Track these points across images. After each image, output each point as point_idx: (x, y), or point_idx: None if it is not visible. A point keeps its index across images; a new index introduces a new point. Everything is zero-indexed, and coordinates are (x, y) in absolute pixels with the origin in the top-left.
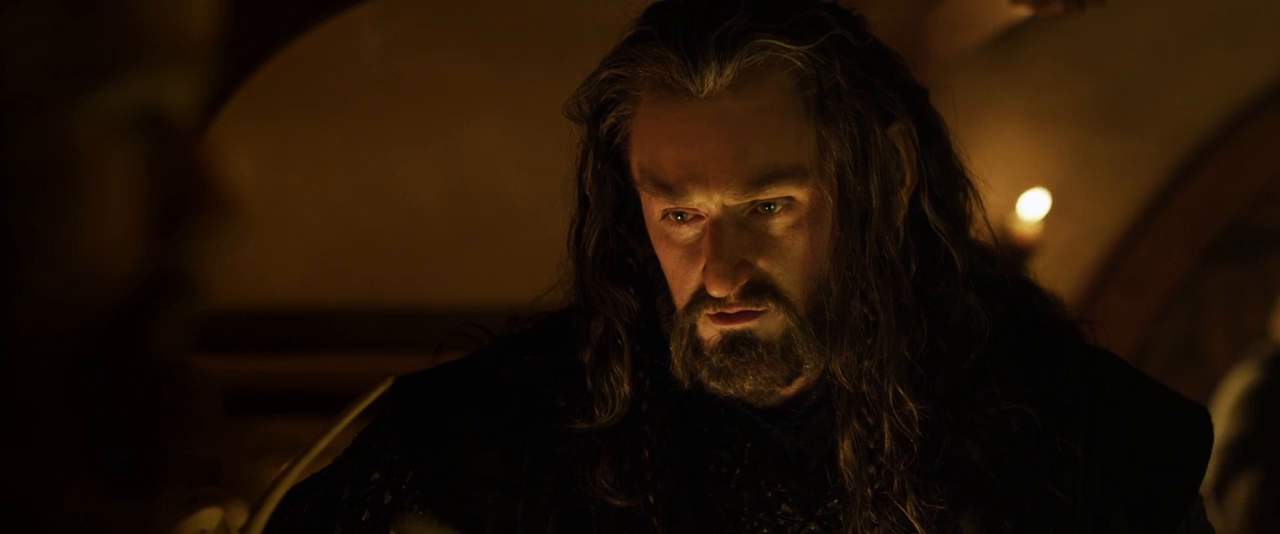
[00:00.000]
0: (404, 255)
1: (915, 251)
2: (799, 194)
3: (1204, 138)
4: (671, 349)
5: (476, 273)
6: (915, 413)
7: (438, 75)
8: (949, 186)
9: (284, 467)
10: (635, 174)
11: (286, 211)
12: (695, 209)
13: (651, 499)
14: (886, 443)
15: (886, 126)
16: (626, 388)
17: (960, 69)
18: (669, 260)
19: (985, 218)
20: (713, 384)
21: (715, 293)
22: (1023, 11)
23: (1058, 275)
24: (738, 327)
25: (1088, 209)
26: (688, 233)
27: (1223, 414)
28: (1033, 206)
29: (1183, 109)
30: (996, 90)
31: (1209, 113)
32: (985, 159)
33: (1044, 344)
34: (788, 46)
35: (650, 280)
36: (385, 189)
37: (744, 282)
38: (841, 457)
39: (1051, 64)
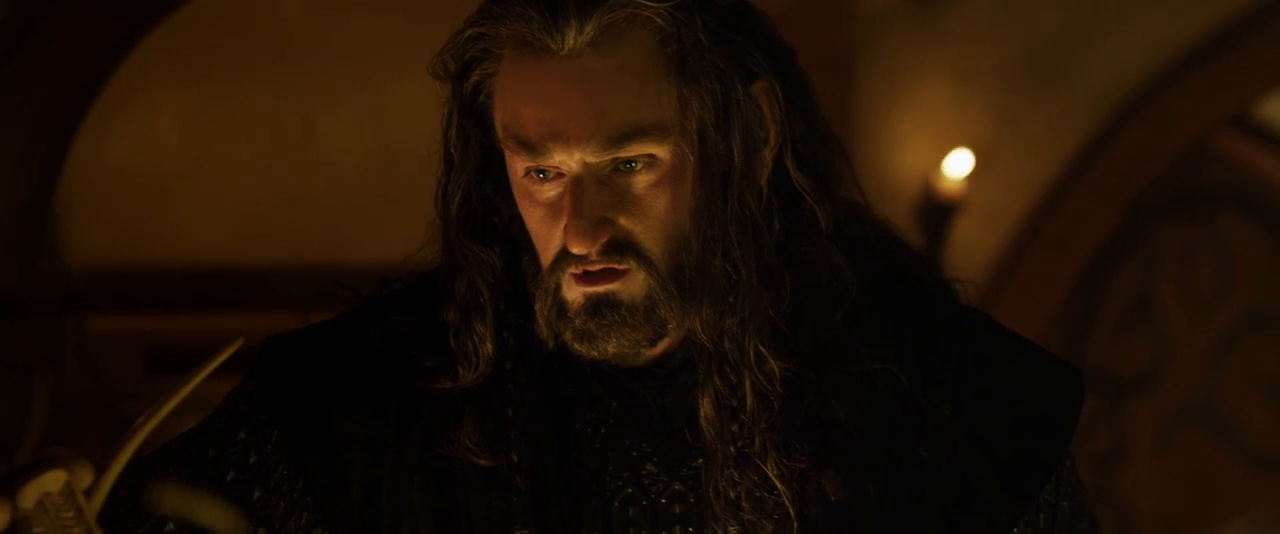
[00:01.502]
0: (328, 213)
1: (779, 210)
2: (660, 152)
3: (1130, 96)
4: (536, 309)
5: (400, 230)
6: (777, 371)
7: (362, 32)
8: (815, 145)
9: (130, 430)
10: (498, 132)
11: (210, 170)
12: (556, 167)
13: (515, 458)
14: (748, 401)
15: (749, 84)
16: (490, 347)
17: (885, 27)
18: (532, 219)
19: (854, 177)
20: (577, 346)
21: (576, 250)
22: None
23: (983, 234)
24: (600, 289)
25: (1013, 167)
26: (550, 191)
27: None
28: (957, 165)
29: (1109, 67)
30: (922, 49)
31: (1135, 71)
32: (910, 117)
33: (913, 303)
34: (649, 4)
35: (516, 240)
36: (309, 147)
37: (605, 239)
38: (703, 415)
39: (977, 22)
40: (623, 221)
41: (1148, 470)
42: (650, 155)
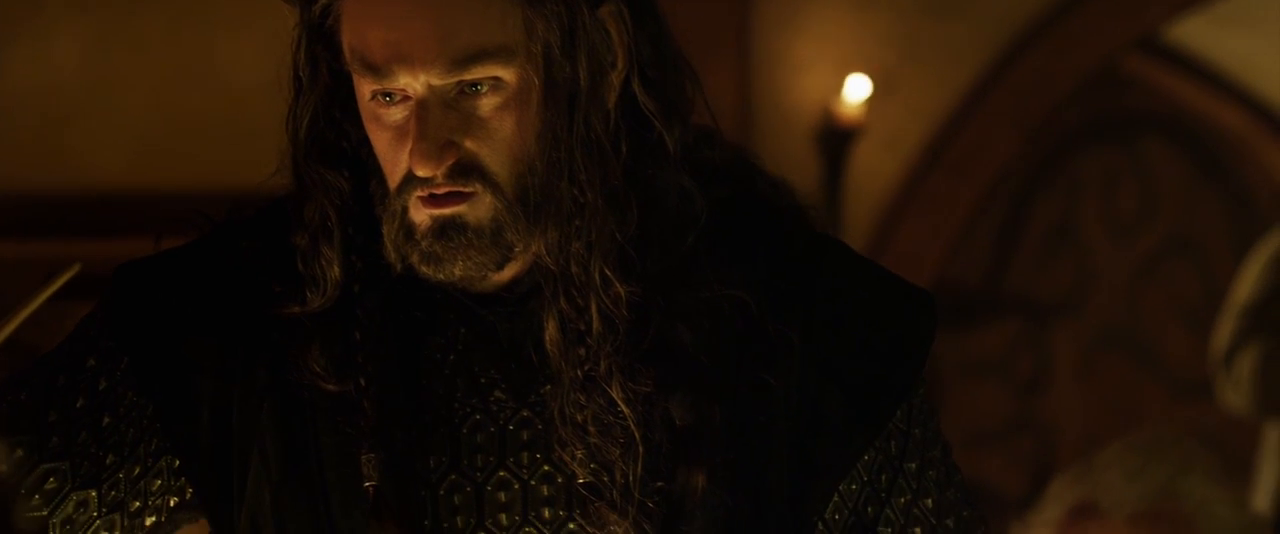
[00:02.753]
0: (228, 138)
1: (626, 134)
2: (505, 75)
3: (1030, 20)
4: (384, 232)
5: None
6: (623, 295)
7: None
8: (663, 70)
9: None
10: (345, 55)
11: (109, 95)
12: (402, 90)
13: (362, 383)
14: (594, 324)
15: (596, 8)
16: (337, 271)
17: None
18: (380, 142)
19: (707, 103)
20: (423, 269)
21: (421, 173)
22: None
23: (883, 159)
24: (447, 211)
25: (913, 92)
26: (396, 114)
27: (1246, 277)
28: (856, 90)
29: None
30: None
31: None
32: (809, 42)
33: (765, 229)
34: None
35: (365, 164)
36: (208, 72)
37: (450, 162)
38: (548, 338)
39: None
40: (468, 144)
41: (1070, 395)
42: (495, 78)
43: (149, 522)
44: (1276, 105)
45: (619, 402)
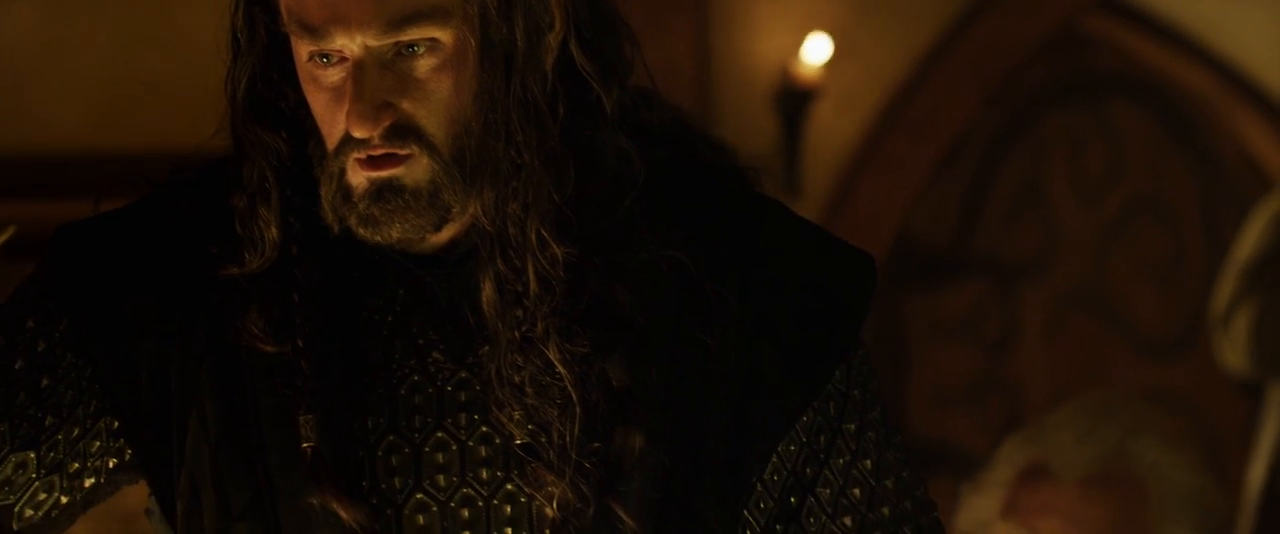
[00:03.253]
0: (187, 100)
1: (563, 96)
2: (442, 35)
3: None
4: (322, 194)
5: None
6: (560, 256)
7: None
8: (601, 31)
9: None
10: (283, 16)
11: (68, 56)
12: (339, 50)
13: (300, 344)
14: (531, 286)
15: None
16: (275, 232)
17: None
18: (317, 104)
19: (645, 65)
20: (361, 231)
21: (357, 134)
22: None
23: (841, 120)
24: (384, 174)
25: (872, 53)
26: (334, 76)
27: (1247, 236)
28: (815, 51)
29: None
30: None
31: None
32: (767, 3)
33: (704, 190)
34: None
35: (303, 126)
36: (167, 33)
37: (387, 123)
38: (485, 299)
39: None
40: (405, 106)
41: (1037, 356)
42: (432, 39)
43: (88, 483)
44: (1242, 66)
45: (556, 363)
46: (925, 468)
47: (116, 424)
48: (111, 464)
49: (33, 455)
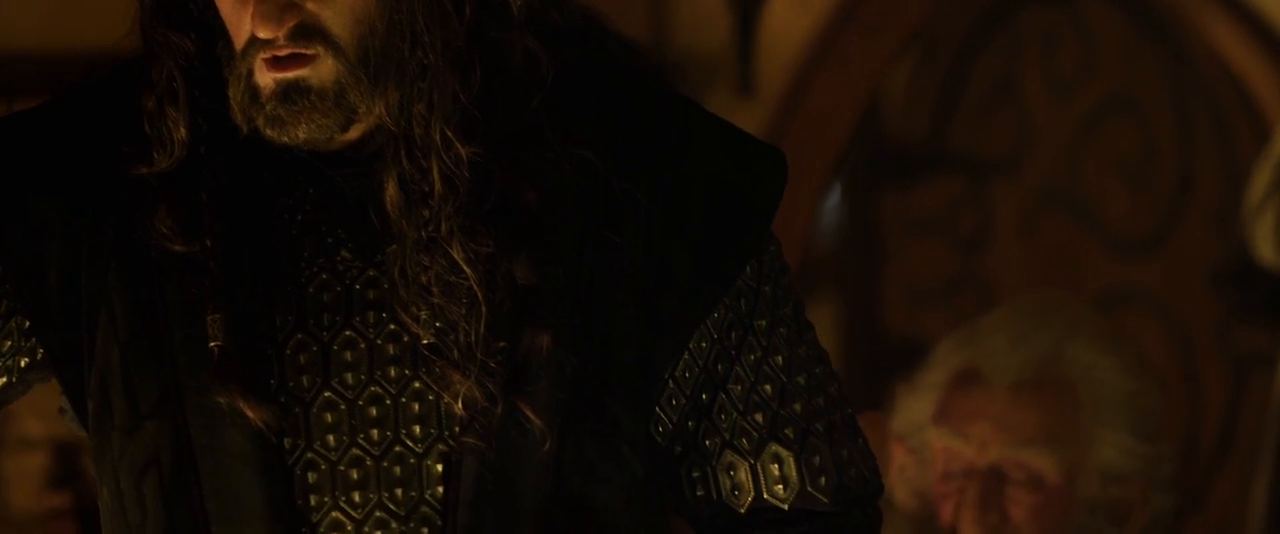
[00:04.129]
0: None
1: None
2: None
3: None
4: (230, 95)
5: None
6: (464, 156)
7: None
8: None
9: None
10: None
11: None
12: None
13: (209, 244)
14: (436, 186)
15: None
16: (183, 132)
17: None
18: (224, 5)
19: None
20: (268, 132)
21: (262, 34)
22: None
23: (796, 17)
24: (290, 74)
25: None
26: None
27: None
28: None
29: None
30: None
31: None
32: None
33: (613, 90)
34: None
35: (211, 26)
36: None
37: (292, 24)
38: (389, 198)
39: None
40: (310, 6)
41: (1011, 253)
42: None
43: (0, 382)
44: None
45: (460, 262)
46: (900, 366)
47: (27, 323)
48: (23, 363)
49: None
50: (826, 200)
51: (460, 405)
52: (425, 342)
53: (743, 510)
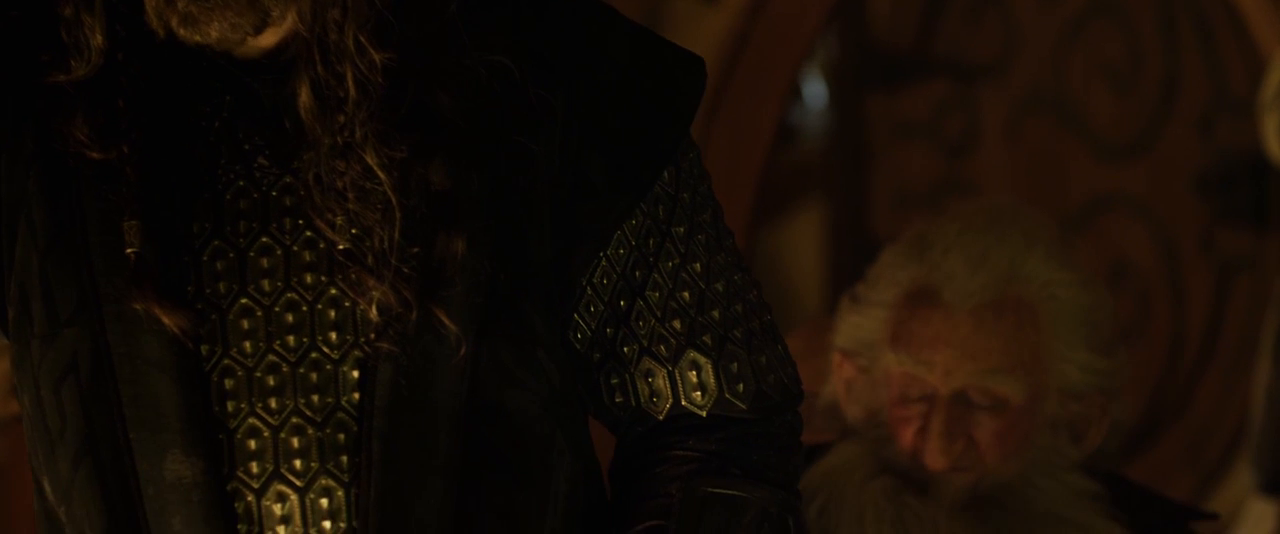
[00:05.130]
0: None
1: None
2: None
3: None
4: None
5: None
6: (378, 61)
7: None
8: None
9: None
10: None
11: None
12: None
13: (126, 150)
14: (350, 91)
15: None
16: (100, 38)
17: None
18: None
19: None
20: (182, 31)
21: None
22: None
23: None
24: None
25: None
26: None
27: None
28: None
29: None
30: None
31: None
32: None
33: None
34: None
35: None
36: None
37: None
38: (304, 105)
39: None
40: None
41: (998, 157)
42: None
43: None
44: None
45: (375, 168)
46: None
47: None
48: None
49: None
50: (812, 105)
51: (375, 311)
52: (341, 247)
53: (661, 417)
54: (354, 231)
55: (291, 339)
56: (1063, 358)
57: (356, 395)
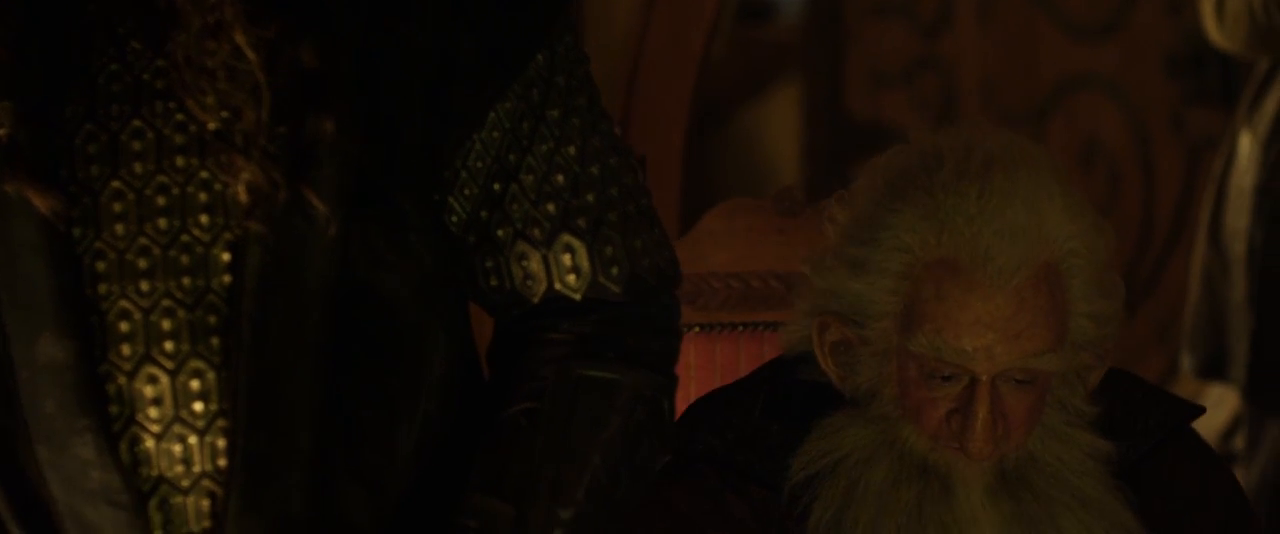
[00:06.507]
0: None
1: None
2: None
3: None
4: None
5: None
6: None
7: None
8: None
9: None
10: None
11: None
12: None
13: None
14: None
15: None
16: None
17: None
18: None
19: None
20: None
21: None
22: None
23: None
24: None
25: None
26: None
27: None
28: None
29: None
30: None
31: None
32: None
33: None
34: None
35: None
36: None
37: None
38: None
39: None
40: None
41: (971, 36)
42: None
43: None
44: None
45: (244, 47)
46: (861, 148)
47: None
48: None
49: None
50: None
51: (244, 191)
52: (211, 126)
53: (536, 300)
54: (224, 114)
55: (163, 222)
56: (1080, 313)
57: (227, 278)
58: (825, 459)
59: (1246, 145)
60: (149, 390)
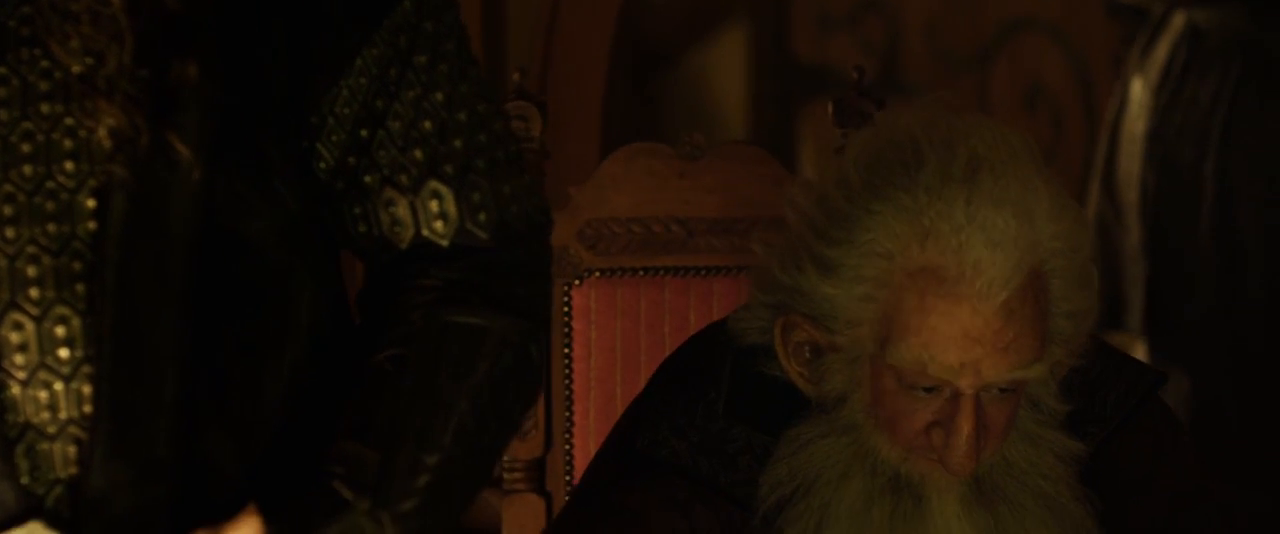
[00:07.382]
0: None
1: None
2: None
3: None
4: None
5: None
6: None
7: None
8: None
9: None
10: None
11: None
12: None
13: None
14: None
15: None
16: None
17: None
18: None
19: None
20: None
21: None
22: None
23: None
24: None
25: None
26: None
27: None
28: None
29: None
30: None
31: None
32: None
33: None
34: None
35: None
36: None
37: None
38: None
39: None
40: None
41: None
42: None
43: None
44: None
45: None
46: (808, 90)
47: None
48: None
49: None
50: None
51: (107, 136)
52: (75, 70)
53: (404, 246)
54: (88, 59)
55: (28, 169)
56: (1060, 313)
57: (92, 224)
58: (795, 481)
59: (1138, 91)
60: (14, 337)
